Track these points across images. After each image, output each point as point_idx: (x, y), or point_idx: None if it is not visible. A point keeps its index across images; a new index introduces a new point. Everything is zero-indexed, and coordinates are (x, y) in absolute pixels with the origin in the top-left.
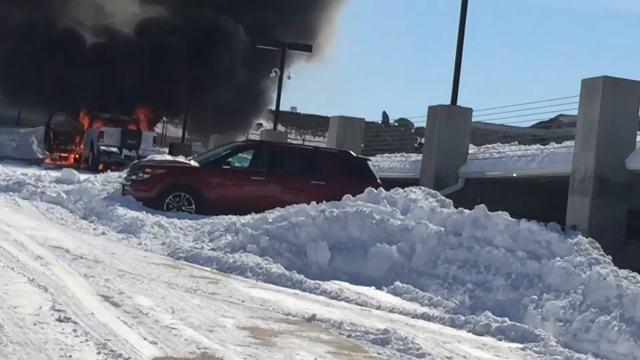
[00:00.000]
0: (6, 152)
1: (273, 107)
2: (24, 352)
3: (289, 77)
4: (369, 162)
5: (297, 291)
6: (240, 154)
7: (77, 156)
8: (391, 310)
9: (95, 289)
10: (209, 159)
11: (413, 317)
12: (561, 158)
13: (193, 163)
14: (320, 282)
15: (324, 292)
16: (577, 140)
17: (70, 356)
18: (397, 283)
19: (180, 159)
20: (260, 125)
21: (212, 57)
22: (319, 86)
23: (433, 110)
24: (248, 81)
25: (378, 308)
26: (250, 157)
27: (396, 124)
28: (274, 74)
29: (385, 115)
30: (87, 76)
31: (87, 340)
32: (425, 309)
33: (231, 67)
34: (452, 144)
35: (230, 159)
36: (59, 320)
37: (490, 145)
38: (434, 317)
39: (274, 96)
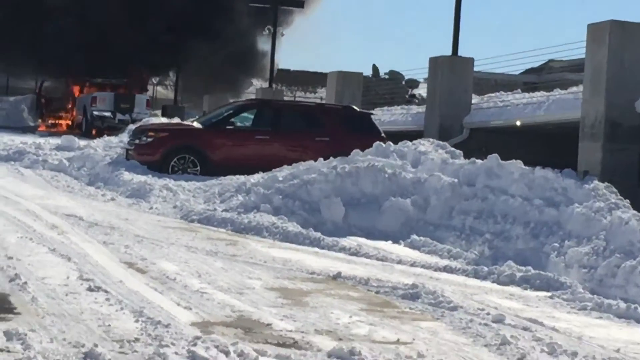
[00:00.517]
0: None
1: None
2: (62, 324)
3: (282, 35)
4: (372, 117)
5: (316, 249)
6: (243, 114)
7: (70, 122)
8: (412, 265)
9: (117, 256)
10: (211, 120)
11: (436, 270)
12: (569, 104)
13: (196, 124)
14: (338, 239)
15: (342, 249)
16: (586, 85)
17: (109, 325)
18: (414, 236)
19: (176, 120)
20: (251, 84)
21: (203, 15)
22: (306, 42)
23: (434, 62)
24: (239, 40)
25: (399, 263)
26: (253, 117)
27: (386, 76)
28: (266, 31)
29: (375, 69)
30: (74, 39)
31: (122, 309)
32: (446, 262)
33: (222, 26)
34: (455, 94)
35: (233, 119)
36: (90, 289)
37: (493, 94)
38: (457, 269)
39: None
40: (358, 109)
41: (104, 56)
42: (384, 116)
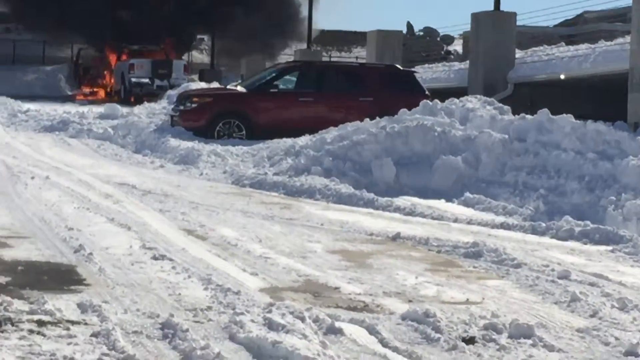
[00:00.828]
0: (34, 90)
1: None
2: (133, 294)
3: None
4: (416, 75)
5: (370, 210)
6: (286, 76)
7: (108, 90)
8: (469, 223)
9: (175, 223)
10: (255, 83)
11: (493, 228)
12: (615, 56)
13: (240, 89)
14: (392, 199)
15: (397, 209)
16: (633, 36)
17: (179, 294)
18: (467, 194)
19: (215, 85)
20: (286, 45)
21: None
22: (338, 1)
23: (476, 17)
24: (274, 1)
25: (455, 221)
26: (296, 79)
27: (421, 33)
28: None
29: (409, 26)
30: (109, 5)
31: (189, 277)
32: (502, 218)
33: None
34: (498, 50)
35: (276, 82)
36: (154, 258)
37: (537, 48)
38: (514, 225)
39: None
40: (401, 68)
41: (140, 22)
42: (425, 74)
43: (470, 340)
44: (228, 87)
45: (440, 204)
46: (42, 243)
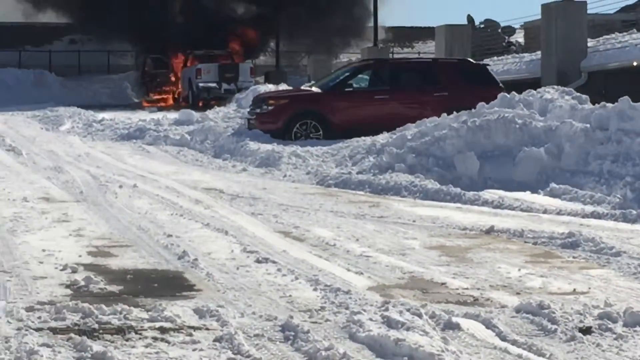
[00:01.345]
0: (101, 100)
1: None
2: (245, 297)
3: None
4: (489, 68)
5: (458, 204)
6: (359, 75)
7: (175, 96)
8: (559, 213)
9: (269, 225)
10: (329, 83)
11: (583, 217)
12: None
13: (315, 89)
14: (478, 193)
15: (485, 203)
16: None
17: (290, 295)
18: (552, 185)
19: (283, 86)
20: (348, 42)
21: None
22: None
23: (547, 8)
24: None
25: (545, 212)
26: (369, 77)
27: (482, 25)
28: None
29: (470, 19)
30: (172, 14)
31: (296, 278)
32: (591, 208)
33: None
34: (570, 39)
35: (350, 81)
36: (258, 261)
37: (609, 36)
38: (604, 214)
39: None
40: (474, 61)
41: (204, 26)
42: (496, 66)
43: (587, 331)
44: (302, 87)
45: (526, 196)
46: (144, 251)
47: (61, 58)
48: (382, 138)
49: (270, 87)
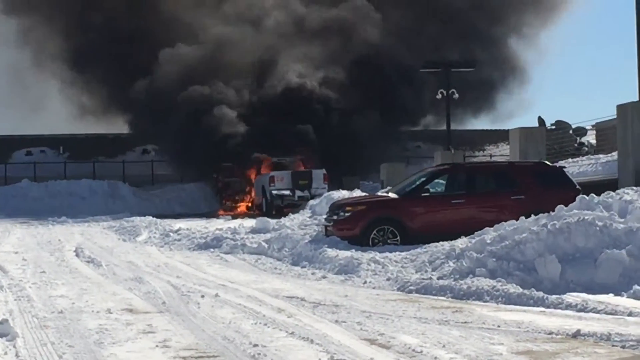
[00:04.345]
0: (175, 208)
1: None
2: None
3: (454, 96)
4: (565, 170)
5: (541, 308)
6: (436, 180)
7: (249, 204)
8: None
9: (354, 333)
10: (405, 188)
11: None
12: None
13: (391, 195)
14: (561, 297)
15: (568, 306)
16: None
17: None
18: (636, 287)
19: (357, 192)
20: (419, 147)
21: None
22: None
23: (623, 109)
24: (410, 106)
25: (630, 315)
26: (445, 181)
27: (553, 127)
28: (440, 95)
29: (540, 120)
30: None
31: None
32: None
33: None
34: None
35: (427, 186)
36: None
37: None
38: None
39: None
40: (550, 164)
41: (276, 134)
42: (571, 168)
43: None
44: (378, 193)
45: (610, 299)
46: None
47: (134, 168)
48: (461, 243)
49: (345, 194)
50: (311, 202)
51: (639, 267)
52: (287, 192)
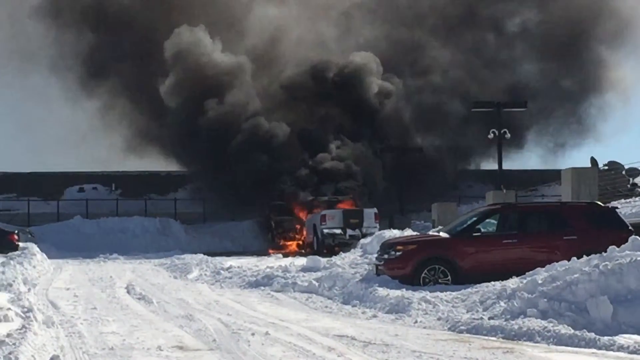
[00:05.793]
0: (226, 246)
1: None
2: None
3: (507, 137)
4: (617, 211)
5: (593, 350)
6: (487, 220)
7: (300, 242)
8: None
9: None
10: (456, 228)
11: None
12: None
13: (442, 234)
14: (613, 338)
15: (620, 348)
16: None
17: None
18: None
19: (408, 231)
20: (470, 186)
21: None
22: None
23: None
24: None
25: None
26: (497, 221)
27: (606, 167)
28: (491, 135)
29: (593, 161)
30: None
31: None
32: None
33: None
34: None
35: (478, 226)
36: None
37: None
38: None
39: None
40: (602, 204)
41: (326, 173)
42: (624, 208)
43: None
44: (429, 232)
45: None
46: None
47: (185, 206)
48: (513, 283)
49: (396, 233)
50: (362, 241)
51: None
52: (338, 231)
